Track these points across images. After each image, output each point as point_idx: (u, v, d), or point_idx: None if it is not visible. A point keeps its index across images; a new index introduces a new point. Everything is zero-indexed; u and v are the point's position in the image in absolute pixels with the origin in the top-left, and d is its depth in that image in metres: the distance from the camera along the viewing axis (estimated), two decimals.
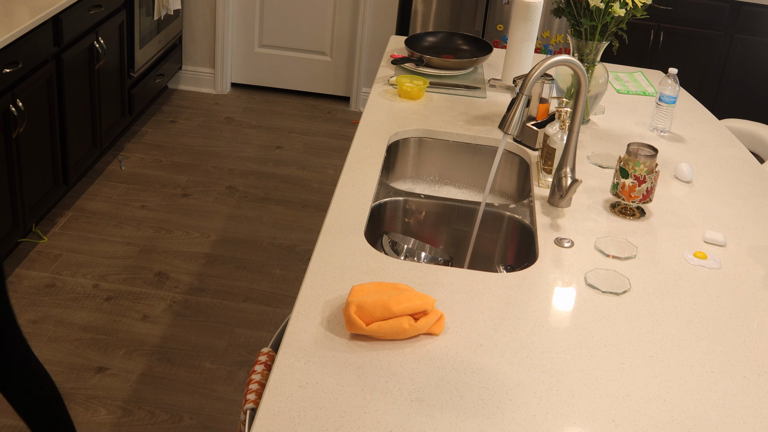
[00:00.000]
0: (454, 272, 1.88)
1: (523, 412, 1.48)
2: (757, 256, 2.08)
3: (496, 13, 4.56)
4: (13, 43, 3.10)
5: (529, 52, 3.00)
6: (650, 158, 2.14)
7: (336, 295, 1.74)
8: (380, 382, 1.51)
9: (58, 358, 2.96)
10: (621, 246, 2.05)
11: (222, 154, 4.53)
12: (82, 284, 3.36)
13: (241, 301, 3.36)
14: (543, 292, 1.85)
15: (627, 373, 1.61)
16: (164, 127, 4.77)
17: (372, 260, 1.88)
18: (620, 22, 2.53)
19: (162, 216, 3.89)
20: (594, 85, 2.68)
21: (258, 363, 1.76)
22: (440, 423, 1.44)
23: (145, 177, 4.21)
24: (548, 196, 2.23)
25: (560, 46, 4.53)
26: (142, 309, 3.26)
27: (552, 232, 2.08)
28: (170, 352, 3.05)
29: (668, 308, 1.83)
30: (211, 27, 5.17)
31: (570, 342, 1.69)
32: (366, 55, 5.19)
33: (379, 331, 1.60)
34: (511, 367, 1.59)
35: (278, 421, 1.41)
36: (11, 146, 3.17)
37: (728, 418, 1.53)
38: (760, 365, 1.68)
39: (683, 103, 3.05)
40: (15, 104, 3.15)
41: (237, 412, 2.81)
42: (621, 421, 1.49)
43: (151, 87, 4.72)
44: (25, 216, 3.37)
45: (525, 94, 1.98)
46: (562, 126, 2.28)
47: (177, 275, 3.48)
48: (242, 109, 5.11)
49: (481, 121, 2.70)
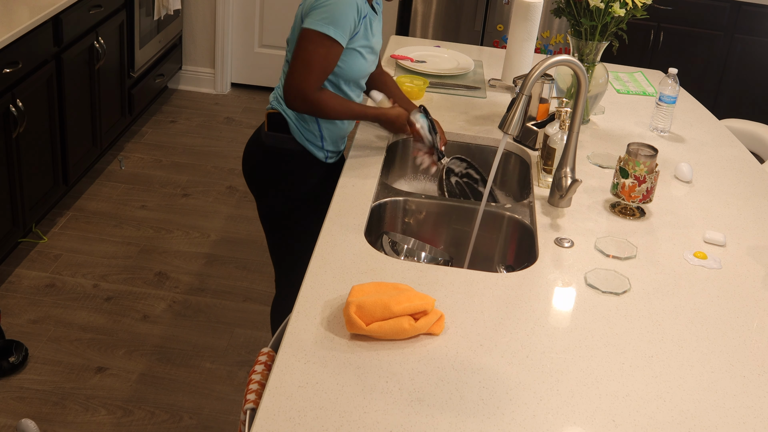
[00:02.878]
0: (454, 272, 1.88)
1: (523, 412, 1.48)
2: (757, 256, 2.08)
3: (496, 13, 4.56)
4: (13, 43, 3.10)
5: (529, 52, 3.00)
6: (650, 158, 2.14)
7: (336, 295, 1.74)
8: (380, 382, 1.51)
9: (58, 358, 2.96)
10: (621, 246, 2.05)
11: (222, 154, 4.53)
12: (82, 284, 3.36)
13: (241, 301, 3.36)
14: (543, 292, 1.85)
15: (627, 373, 1.61)
16: (164, 127, 4.77)
17: (372, 260, 1.88)
18: (620, 22, 2.52)
19: (162, 216, 3.89)
20: (594, 85, 2.68)
21: (258, 363, 1.76)
22: (440, 423, 1.44)
23: (145, 177, 4.21)
24: (548, 196, 2.23)
25: (560, 46, 4.53)
26: (142, 309, 3.26)
27: (552, 232, 2.08)
28: (170, 352, 3.05)
29: (668, 308, 1.83)
30: (211, 27, 5.17)
31: (570, 342, 1.69)
32: None
33: (379, 331, 1.60)
34: (511, 367, 1.59)
35: (278, 421, 1.41)
36: (11, 146, 3.17)
37: (728, 418, 1.53)
38: (760, 365, 1.68)
39: (683, 103, 3.05)
40: (15, 104, 3.15)
41: (237, 412, 2.81)
42: (621, 421, 1.49)
43: (151, 87, 4.72)
44: (25, 216, 3.37)
45: (525, 94, 1.98)
46: (562, 126, 2.28)
47: (177, 275, 3.48)
48: (242, 109, 5.11)
49: (481, 121, 2.70)
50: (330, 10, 2.12)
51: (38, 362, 2.93)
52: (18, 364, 2.87)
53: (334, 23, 2.12)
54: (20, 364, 2.88)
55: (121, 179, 4.16)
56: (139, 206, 3.95)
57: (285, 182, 2.38)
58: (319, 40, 2.13)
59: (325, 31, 2.12)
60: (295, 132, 2.32)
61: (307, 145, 2.33)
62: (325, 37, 2.13)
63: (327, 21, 2.12)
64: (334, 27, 2.12)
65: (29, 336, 3.04)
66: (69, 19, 3.53)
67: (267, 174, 2.38)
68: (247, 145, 2.45)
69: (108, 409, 2.77)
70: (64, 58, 3.54)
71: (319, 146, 2.35)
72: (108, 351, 3.02)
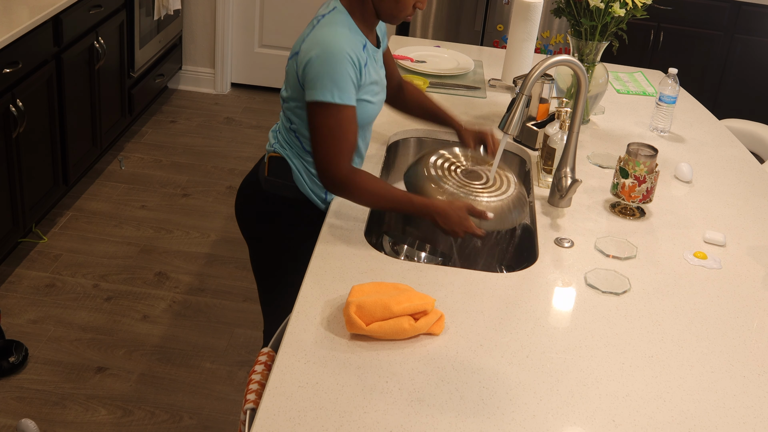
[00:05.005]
0: (454, 272, 1.88)
1: (523, 412, 1.48)
2: (757, 256, 2.08)
3: (496, 13, 4.56)
4: (13, 43, 3.10)
5: (529, 52, 3.00)
6: (650, 158, 2.14)
7: (336, 295, 1.74)
8: (380, 382, 1.51)
9: (58, 358, 2.96)
10: (621, 246, 2.05)
11: (222, 154, 4.53)
12: (82, 284, 3.36)
13: (241, 301, 3.36)
14: (543, 292, 1.85)
15: (627, 373, 1.61)
16: (164, 127, 4.77)
17: (372, 260, 1.88)
18: (620, 22, 2.52)
19: (162, 216, 3.89)
20: (594, 85, 2.68)
21: (258, 363, 1.76)
22: (440, 423, 1.44)
23: (145, 177, 4.21)
24: (548, 196, 2.23)
25: (560, 46, 4.53)
26: (142, 309, 3.26)
27: (552, 232, 2.08)
28: (170, 352, 3.05)
29: (668, 308, 1.83)
30: (211, 27, 5.17)
31: (570, 342, 1.69)
32: None
33: (379, 331, 1.60)
34: (511, 367, 1.59)
35: (278, 421, 1.41)
36: (11, 146, 3.17)
37: (728, 418, 1.53)
38: (760, 365, 1.68)
39: (683, 103, 3.05)
40: (15, 104, 3.15)
41: (237, 412, 2.81)
42: (621, 421, 1.49)
43: (151, 87, 4.72)
44: (25, 216, 3.37)
45: (525, 94, 1.99)
46: (562, 126, 2.28)
47: (177, 275, 3.48)
48: (242, 109, 5.11)
49: (481, 121, 2.70)
50: (324, 74, 1.91)
51: (38, 362, 2.93)
52: (18, 364, 2.87)
53: (336, 86, 1.92)
54: (20, 364, 2.88)
55: (121, 179, 4.16)
56: (139, 206, 3.95)
57: (283, 231, 2.18)
58: (327, 110, 1.93)
59: (330, 99, 1.92)
60: (299, 181, 2.12)
61: (310, 195, 2.13)
62: (332, 106, 1.93)
63: (326, 87, 1.91)
64: (338, 91, 1.92)
65: (29, 336, 3.04)
66: (69, 19, 3.53)
67: (264, 222, 2.20)
68: (243, 187, 2.26)
69: (108, 409, 2.77)
70: (64, 58, 3.54)
71: (322, 198, 2.15)
72: (108, 351, 3.02)
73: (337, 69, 1.91)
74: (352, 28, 1.98)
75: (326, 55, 1.91)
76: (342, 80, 1.92)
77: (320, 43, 1.93)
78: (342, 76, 1.92)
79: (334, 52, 1.91)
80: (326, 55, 1.91)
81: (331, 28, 1.95)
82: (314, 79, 1.92)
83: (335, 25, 1.95)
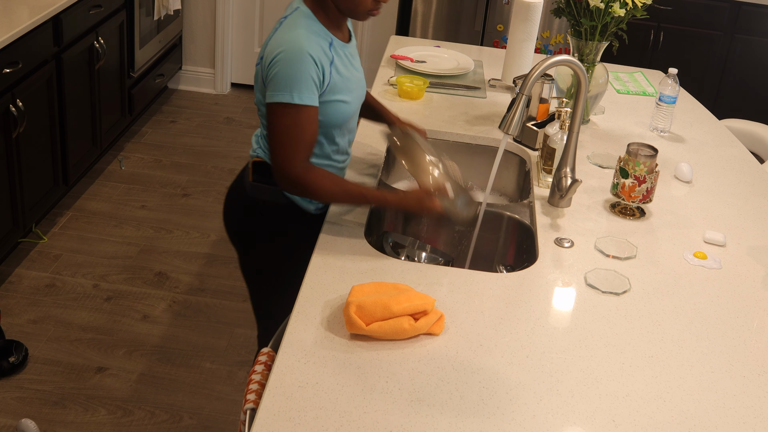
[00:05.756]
0: (454, 272, 1.88)
1: (523, 412, 1.48)
2: (757, 256, 2.08)
3: (496, 13, 4.56)
4: (13, 43, 3.10)
5: (529, 52, 3.00)
6: (650, 158, 2.14)
7: (336, 295, 1.74)
8: (380, 382, 1.51)
9: (58, 358, 2.96)
10: (621, 246, 2.05)
11: (222, 154, 4.53)
12: (82, 284, 3.36)
13: (241, 301, 3.36)
14: (543, 292, 1.85)
15: (627, 373, 1.61)
16: (164, 127, 4.77)
17: (372, 260, 1.88)
18: (620, 22, 2.52)
19: (162, 216, 3.89)
20: (594, 85, 2.68)
21: (258, 363, 1.76)
22: (440, 423, 1.44)
23: (145, 177, 4.21)
24: (548, 196, 2.23)
25: (560, 46, 4.53)
26: (142, 309, 3.26)
27: (552, 232, 2.08)
28: (170, 352, 3.05)
29: (668, 308, 1.83)
30: (211, 27, 5.17)
31: (570, 342, 1.69)
32: (366, 55, 5.19)
33: (379, 331, 1.60)
34: (511, 367, 1.59)
35: (278, 421, 1.41)
36: (11, 146, 3.17)
37: (728, 418, 1.53)
38: (760, 365, 1.68)
39: (683, 103, 3.05)
40: (15, 104, 3.15)
41: (237, 412, 2.81)
42: (621, 421, 1.49)
43: (151, 87, 4.72)
44: (25, 216, 3.37)
45: (525, 94, 1.98)
46: (562, 126, 2.28)
47: (177, 275, 3.48)
48: (242, 109, 5.11)
49: (481, 121, 2.70)
50: (283, 75, 1.89)
51: (38, 362, 2.93)
52: (18, 364, 2.87)
53: (295, 87, 1.89)
54: (20, 364, 2.88)
55: (121, 179, 4.16)
56: (139, 206, 3.95)
57: (270, 236, 2.16)
58: (285, 110, 1.91)
59: (288, 100, 1.89)
60: None
61: (295, 199, 2.10)
62: (290, 106, 1.90)
63: (286, 88, 1.89)
64: (297, 92, 1.89)
65: (29, 336, 3.04)
66: (69, 19, 3.53)
67: (251, 228, 2.19)
68: (229, 192, 2.24)
69: (108, 409, 2.77)
70: (64, 58, 3.54)
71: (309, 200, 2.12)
72: (108, 351, 3.02)
73: (298, 69, 1.89)
74: (315, 28, 1.97)
75: (287, 57, 1.90)
76: (302, 81, 1.90)
77: (281, 45, 1.92)
78: (302, 77, 1.90)
79: (295, 53, 1.90)
80: (287, 56, 1.90)
81: (293, 30, 1.94)
82: (274, 80, 1.91)
83: (296, 27, 1.94)
